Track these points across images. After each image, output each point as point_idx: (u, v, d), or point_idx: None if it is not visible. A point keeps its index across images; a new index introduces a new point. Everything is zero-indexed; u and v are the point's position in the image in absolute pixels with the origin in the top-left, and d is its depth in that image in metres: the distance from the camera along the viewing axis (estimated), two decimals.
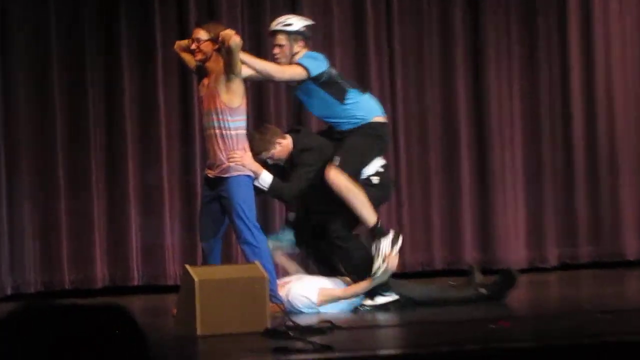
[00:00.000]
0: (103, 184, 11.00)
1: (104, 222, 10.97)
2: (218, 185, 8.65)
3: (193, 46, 8.64)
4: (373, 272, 8.67)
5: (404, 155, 11.53)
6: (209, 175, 8.75)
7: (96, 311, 1.62)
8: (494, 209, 11.74)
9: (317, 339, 6.98)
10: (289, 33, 8.89)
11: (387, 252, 8.73)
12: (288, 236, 9.14)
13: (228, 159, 8.56)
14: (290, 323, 7.58)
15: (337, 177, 8.67)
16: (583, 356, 6.38)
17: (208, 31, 8.63)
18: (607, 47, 11.98)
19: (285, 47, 8.86)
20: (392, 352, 7.15)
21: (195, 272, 7.76)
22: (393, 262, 8.77)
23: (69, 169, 10.90)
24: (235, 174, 8.58)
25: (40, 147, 10.83)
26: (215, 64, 8.57)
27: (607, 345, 6.64)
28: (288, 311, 8.30)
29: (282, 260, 9.16)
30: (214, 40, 8.56)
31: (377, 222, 8.79)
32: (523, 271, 10.13)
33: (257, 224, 8.62)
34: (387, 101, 11.26)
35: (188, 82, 10.88)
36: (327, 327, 7.55)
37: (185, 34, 10.27)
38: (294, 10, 11.01)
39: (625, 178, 11.98)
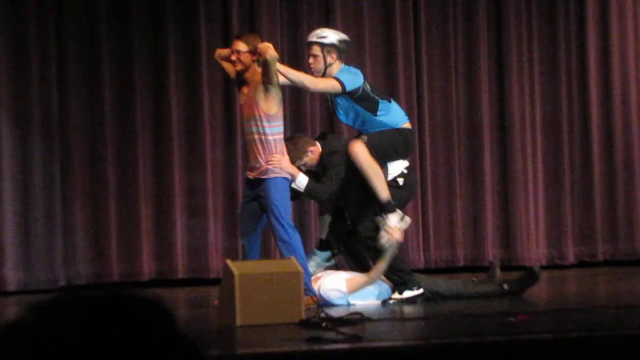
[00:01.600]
0: (150, 184, 11.04)
1: (151, 219, 11.02)
2: (257, 186, 8.67)
3: (233, 57, 8.66)
4: (379, 241, 8.75)
5: (429, 157, 11.52)
6: (249, 176, 8.79)
7: (132, 301, 1.51)
8: (515, 209, 11.71)
9: (347, 330, 7.01)
10: (323, 45, 8.91)
11: (391, 225, 8.79)
12: (323, 255, 9.20)
13: (267, 162, 8.60)
14: (323, 314, 7.57)
15: (361, 151, 8.77)
16: (598, 348, 6.37)
17: (247, 43, 8.65)
18: (624, 53, 11.96)
19: (319, 58, 8.88)
20: (417, 342, 7.13)
21: (235, 267, 7.78)
22: (398, 234, 8.81)
23: (119, 170, 10.95)
24: (272, 176, 8.61)
25: (91, 150, 10.87)
26: (254, 74, 8.60)
27: (620, 338, 6.64)
28: (321, 303, 8.29)
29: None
30: (252, 52, 8.58)
31: (390, 199, 8.84)
32: (542, 268, 10.12)
33: (291, 223, 8.64)
34: (414, 106, 11.30)
35: (230, 90, 10.87)
36: (357, 318, 7.56)
37: (228, 45, 10.32)
38: (328, 19, 11.09)
39: None
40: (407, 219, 8.97)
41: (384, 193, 8.83)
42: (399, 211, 8.89)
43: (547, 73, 11.90)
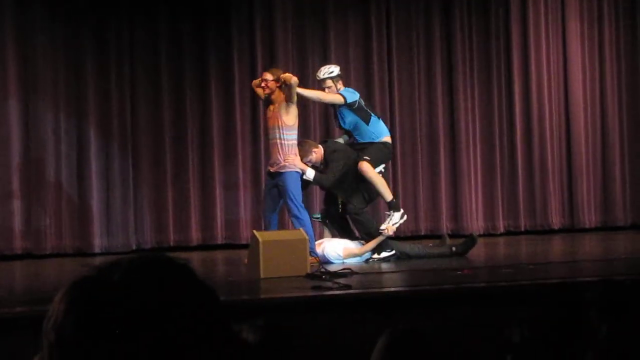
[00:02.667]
0: (197, 172, 10.92)
1: (198, 198, 10.89)
2: (276, 177, 8.64)
3: (262, 84, 8.73)
4: (380, 230, 8.81)
5: (399, 155, 11.41)
6: (270, 170, 8.76)
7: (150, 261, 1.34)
8: (461, 193, 11.64)
9: (341, 281, 7.01)
10: (332, 78, 9.03)
11: (394, 220, 8.88)
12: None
13: (284, 160, 8.69)
14: (323, 270, 7.61)
15: (369, 169, 8.80)
16: (519, 294, 6.40)
17: (272, 74, 8.68)
18: (539, 80, 11.93)
19: (332, 87, 8.97)
20: (392, 289, 7.14)
21: (260, 235, 7.79)
22: (392, 229, 8.94)
23: (175, 162, 10.86)
24: (288, 170, 8.62)
25: (155, 148, 10.80)
26: (278, 96, 8.60)
27: (535, 287, 6.69)
28: (322, 262, 8.25)
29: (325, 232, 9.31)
30: (276, 80, 8.68)
31: (393, 199, 8.98)
32: (479, 235, 10.11)
33: (302, 204, 8.69)
34: (388, 115, 11.25)
35: (255, 106, 10.83)
36: (348, 272, 7.55)
37: (255, 74, 10.41)
38: (325, 54, 11.07)
39: (553, 168, 11.93)
40: (405, 217, 9.05)
41: (389, 195, 8.95)
42: (402, 210, 8.98)
43: (484, 94, 11.89)
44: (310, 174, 8.77)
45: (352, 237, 9.06)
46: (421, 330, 3.06)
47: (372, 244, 8.81)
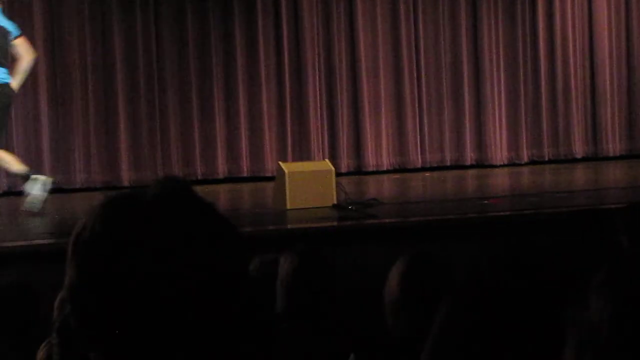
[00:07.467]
0: (223, 110, 10.81)
1: (224, 133, 10.84)
2: None
3: None
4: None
5: (425, 90, 11.38)
6: None
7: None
8: (486, 123, 11.49)
9: (367, 211, 6.99)
10: None
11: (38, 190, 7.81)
12: None
13: None
14: (349, 199, 7.48)
15: None
16: (544, 223, 6.39)
17: None
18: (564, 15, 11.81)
19: None
20: (417, 219, 7.05)
21: (286, 167, 7.79)
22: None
23: (200, 92, 10.75)
24: None
25: (180, 78, 10.76)
26: None
27: (560, 215, 6.66)
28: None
29: None
30: None
31: (28, 171, 7.90)
32: (504, 166, 10.06)
33: None
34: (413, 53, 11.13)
35: (280, 40, 10.83)
36: (375, 202, 7.41)
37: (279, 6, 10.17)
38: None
39: (576, 96, 11.78)
40: (49, 181, 7.88)
41: (21, 169, 7.93)
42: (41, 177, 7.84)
43: (508, 22, 11.66)
44: None
45: None
46: (435, 254, 3.03)
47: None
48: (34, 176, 7.87)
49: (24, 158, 8.79)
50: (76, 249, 1.29)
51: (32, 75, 10.19)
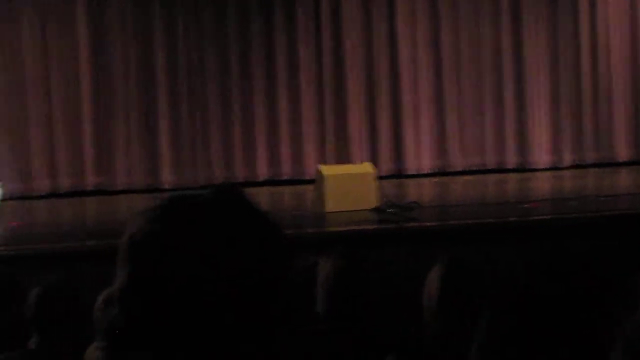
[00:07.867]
0: (264, 109, 10.82)
1: (265, 137, 10.84)
2: None
3: None
4: None
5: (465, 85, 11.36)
6: None
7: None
8: (528, 125, 11.32)
9: (407, 214, 7.01)
10: None
11: None
12: None
13: None
14: (389, 203, 7.50)
15: None
16: (585, 226, 6.35)
17: None
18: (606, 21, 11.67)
19: None
20: (456, 223, 7.07)
21: (324, 170, 7.80)
22: None
23: (241, 96, 10.79)
24: None
25: (221, 82, 10.79)
26: None
27: (601, 219, 6.60)
28: None
29: None
30: None
31: None
32: (546, 170, 9.96)
33: None
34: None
35: (320, 43, 10.82)
36: (415, 205, 7.46)
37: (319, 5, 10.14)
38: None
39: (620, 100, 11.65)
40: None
41: None
42: None
43: (550, 24, 11.50)
44: None
45: None
46: (475, 258, 3.02)
47: None
48: None
49: (63, 161, 8.85)
50: (130, 249, 1.30)
51: (75, 79, 10.32)
